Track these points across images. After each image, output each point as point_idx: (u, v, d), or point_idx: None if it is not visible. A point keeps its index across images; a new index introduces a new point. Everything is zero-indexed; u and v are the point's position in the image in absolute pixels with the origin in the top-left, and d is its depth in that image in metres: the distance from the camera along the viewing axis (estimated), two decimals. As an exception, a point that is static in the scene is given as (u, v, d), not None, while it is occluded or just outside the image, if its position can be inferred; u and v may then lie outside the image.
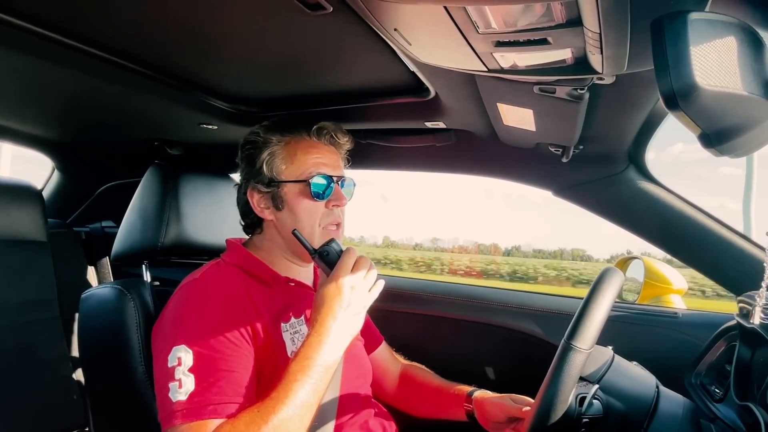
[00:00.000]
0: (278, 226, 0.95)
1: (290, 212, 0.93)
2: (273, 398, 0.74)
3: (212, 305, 0.84)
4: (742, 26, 0.44)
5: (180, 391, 0.75)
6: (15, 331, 1.24)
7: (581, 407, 0.71)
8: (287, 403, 0.73)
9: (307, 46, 0.78)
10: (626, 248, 17.52)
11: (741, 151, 0.47)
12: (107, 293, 0.98)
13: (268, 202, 0.94)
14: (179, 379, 0.76)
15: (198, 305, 0.84)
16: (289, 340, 0.88)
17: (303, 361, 0.76)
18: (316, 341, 0.78)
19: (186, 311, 0.84)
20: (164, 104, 1.09)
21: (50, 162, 1.65)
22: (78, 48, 0.79)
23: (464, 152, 1.27)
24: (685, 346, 1.16)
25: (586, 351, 0.68)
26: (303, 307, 0.94)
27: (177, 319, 0.83)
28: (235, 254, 0.96)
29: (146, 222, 1.09)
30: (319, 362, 0.77)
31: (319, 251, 0.85)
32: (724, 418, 0.75)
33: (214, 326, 0.81)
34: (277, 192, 0.93)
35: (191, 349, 0.78)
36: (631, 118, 0.91)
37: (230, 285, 0.88)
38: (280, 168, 0.93)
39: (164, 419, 0.76)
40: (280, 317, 0.89)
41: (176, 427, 0.74)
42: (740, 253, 1.08)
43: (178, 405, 0.75)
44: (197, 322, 0.81)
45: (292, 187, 0.93)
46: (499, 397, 1.02)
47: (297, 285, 0.97)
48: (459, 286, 1.54)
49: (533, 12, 0.54)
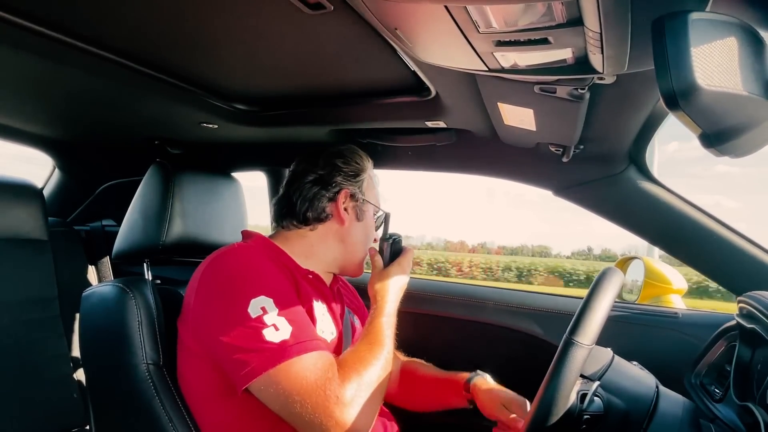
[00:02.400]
0: (344, 232, 1.02)
1: (364, 226, 1.05)
2: (373, 333, 0.89)
3: (264, 262, 0.88)
4: (743, 26, 0.44)
5: (279, 332, 0.77)
6: (15, 329, 1.24)
7: (582, 404, 0.72)
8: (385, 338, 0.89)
9: (307, 45, 0.78)
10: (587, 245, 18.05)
11: (741, 151, 0.47)
12: (108, 291, 0.98)
13: (351, 210, 1.03)
14: (273, 324, 0.78)
15: (253, 262, 0.87)
16: (320, 319, 0.92)
17: (382, 317, 0.92)
18: (385, 307, 0.94)
19: (244, 269, 0.85)
20: (165, 103, 1.09)
21: (50, 161, 1.65)
22: (79, 47, 0.79)
23: (464, 152, 1.27)
24: (685, 346, 1.16)
25: (588, 346, 0.68)
26: (322, 297, 0.97)
27: (237, 277, 0.83)
28: (257, 241, 0.99)
29: (147, 221, 1.09)
30: (390, 321, 0.93)
31: (393, 238, 1.05)
32: (723, 418, 0.75)
33: (277, 278, 0.86)
34: (362, 206, 1.04)
35: (271, 297, 0.80)
36: (632, 117, 0.91)
37: (266, 254, 0.92)
38: (368, 191, 1.06)
39: (268, 360, 0.75)
40: (311, 296, 0.93)
41: (292, 361, 0.75)
42: (740, 253, 1.08)
43: (284, 343, 0.76)
44: (261, 273, 0.85)
45: (372, 209, 1.07)
46: (490, 395, 1.04)
47: (315, 278, 0.99)
48: (459, 286, 1.54)
49: (534, 11, 0.54)
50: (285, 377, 0.75)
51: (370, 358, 0.82)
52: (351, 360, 0.82)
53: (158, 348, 0.93)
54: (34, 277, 1.31)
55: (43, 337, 1.29)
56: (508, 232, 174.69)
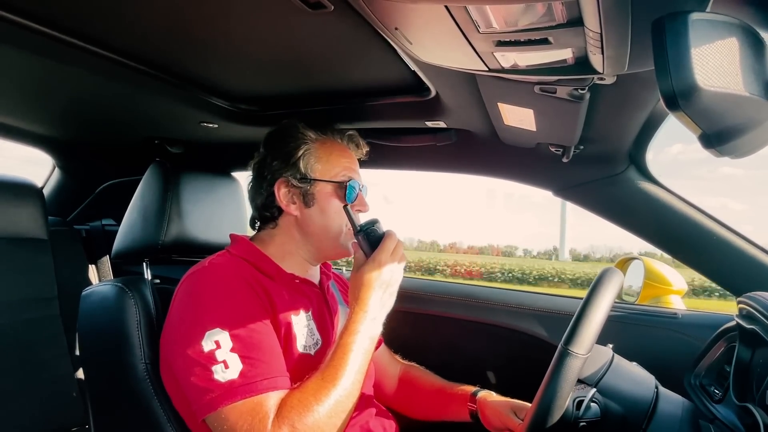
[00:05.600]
0: (302, 223, 0.95)
1: (320, 210, 0.94)
2: (332, 366, 0.79)
3: (233, 286, 0.84)
4: (743, 27, 0.44)
5: (228, 371, 0.75)
6: (15, 328, 1.24)
7: (578, 411, 0.71)
8: (347, 369, 0.78)
9: (307, 45, 0.78)
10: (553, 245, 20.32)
11: (741, 152, 0.47)
12: (108, 291, 0.98)
13: (297, 198, 0.95)
14: (223, 360, 0.76)
15: (219, 287, 0.83)
16: (300, 333, 0.89)
17: (353, 335, 0.82)
18: (361, 316, 0.83)
19: (209, 295, 0.83)
20: (165, 103, 1.09)
21: (50, 160, 1.65)
22: (79, 46, 0.79)
23: (464, 152, 1.27)
24: (684, 346, 1.16)
25: (584, 356, 0.68)
26: (309, 303, 0.95)
27: (200, 304, 0.82)
28: (241, 247, 0.96)
29: (147, 220, 1.09)
30: (367, 334, 0.83)
31: (365, 230, 0.87)
32: (723, 419, 0.75)
33: (242, 306, 0.82)
34: (308, 189, 0.94)
35: (227, 330, 0.78)
36: (632, 118, 0.90)
37: (241, 272, 0.88)
38: (315, 166, 0.95)
39: (214, 401, 0.74)
40: (290, 309, 0.90)
41: (234, 405, 0.74)
42: (740, 254, 1.08)
43: (231, 384, 0.74)
44: (224, 303, 0.82)
45: (325, 186, 0.94)
46: (499, 403, 1.02)
47: (302, 282, 0.97)
48: (459, 286, 1.54)
49: (534, 12, 0.54)
50: (225, 420, 0.74)
51: (313, 402, 0.74)
52: (293, 401, 0.75)
53: (157, 347, 0.93)
54: (34, 277, 1.31)
55: (43, 336, 1.29)
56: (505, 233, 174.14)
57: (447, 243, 51.97)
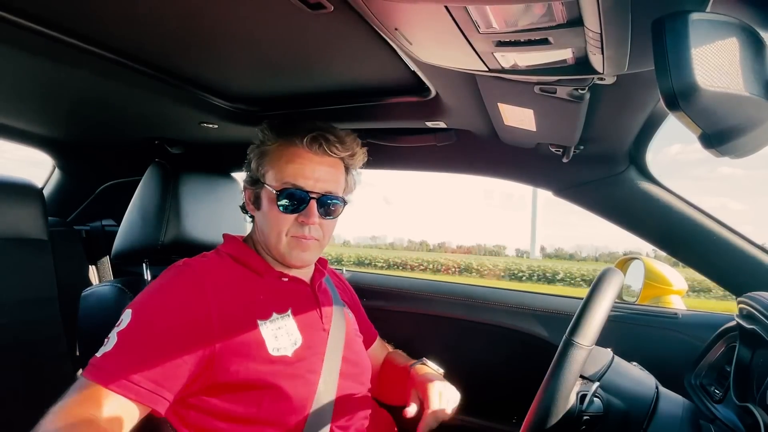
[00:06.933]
0: (256, 224, 0.98)
1: (263, 215, 0.94)
2: None
3: (180, 287, 0.84)
4: (743, 27, 0.44)
5: (103, 348, 0.77)
6: (15, 329, 1.24)
7: (582, 405, 0.72)
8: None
9: (307, 45, 0.78)
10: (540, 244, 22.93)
11: (741, 152, 0.47)
12: (107, 291, 0.98)
13: (251, 199, 0.98)
14: (108, 337, 0.78)
15: (166, 283, 0.85)
16: (270, 336, 0.87)
17: None
18: None
19: (154, 285, 0.85)
20: (165, 103, 1.09)
21: (50, 162, 1.65)
22: (79, 47, 0.79)
23: (465, 152, 1.27)
24: (685, 346, 1.16)
25: (588, 347, 0.68)
26: (291, 301, 0.93)
27: (145, 290, 0.85)
28: (230, 246, 0.98)
29: (147, 220, 1.09)
30: None
31: None
32: (723, 419, 0.75)
33: (170, 307, 0.81)
34: (259, 192, 0.95)
35: (133, 315, 0.79)
36: (632, 118, 0.90)
37: (210, 272, 0.87)
38: (264, 169, 0.94)
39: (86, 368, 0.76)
40: (259, 314, 0.88)
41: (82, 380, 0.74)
42: (741, 254, 1.08)
43: (94, 360, 0.76)
44: (155, 295, 0.83)
45: (268, 191, 0.92)
46: (428, 374, 1.01)
47: (291, 280, 0.97)
48: (459, 286, 1.54)
49: (534, 12, 0.54)
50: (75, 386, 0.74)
51: None
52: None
53: (157, 348, 0.93)
54: (34, 277, 1.31)
55: (43, 336, 1.29)
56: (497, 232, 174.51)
57: (436, 242, 52.54)
